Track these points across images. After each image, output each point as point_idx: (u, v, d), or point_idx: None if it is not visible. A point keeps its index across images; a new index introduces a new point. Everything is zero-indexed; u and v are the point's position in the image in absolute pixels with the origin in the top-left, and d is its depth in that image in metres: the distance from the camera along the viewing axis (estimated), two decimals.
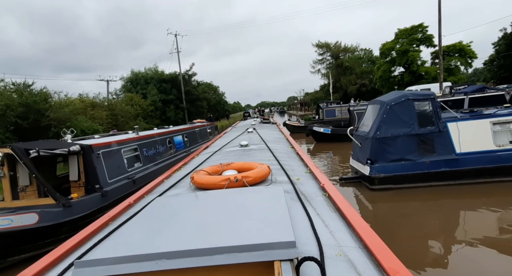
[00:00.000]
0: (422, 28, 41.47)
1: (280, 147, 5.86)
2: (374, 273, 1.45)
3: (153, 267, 1.29)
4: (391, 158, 7.49)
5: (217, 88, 60.49)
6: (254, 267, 1.33)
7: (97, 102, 24.11)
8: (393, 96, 7.80)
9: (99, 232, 2.27)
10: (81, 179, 6.90)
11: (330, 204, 2.44)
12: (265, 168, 2.95)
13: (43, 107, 14.26)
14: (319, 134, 17.62)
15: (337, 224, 2.03)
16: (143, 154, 9.57)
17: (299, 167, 4.06)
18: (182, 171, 4.46)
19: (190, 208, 2.01)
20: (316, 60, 60.58)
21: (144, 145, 9.86)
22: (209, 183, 2.71)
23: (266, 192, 2.20)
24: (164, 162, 11.02)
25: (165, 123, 34.31)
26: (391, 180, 7.47)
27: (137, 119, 28.50)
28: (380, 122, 7.56)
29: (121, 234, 1.66)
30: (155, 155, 10.52)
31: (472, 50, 40.44)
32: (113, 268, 1.31)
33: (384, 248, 1.61)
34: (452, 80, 36.85)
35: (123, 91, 36.40)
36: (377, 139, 7.53)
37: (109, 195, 7.10)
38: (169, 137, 12.31)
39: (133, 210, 2.63)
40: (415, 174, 7.39)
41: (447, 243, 5.36)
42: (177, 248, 1.33)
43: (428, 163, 7.34)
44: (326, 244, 1.66)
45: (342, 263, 1.53)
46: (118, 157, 8.18)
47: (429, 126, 7.43)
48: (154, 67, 39.66)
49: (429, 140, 7.37)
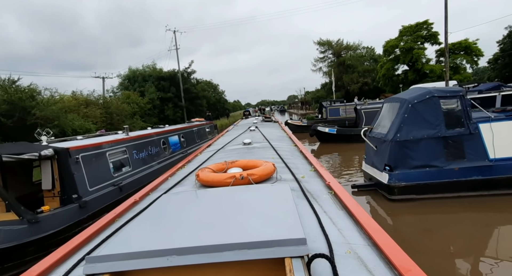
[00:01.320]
0: (427, 25, 40.47)
1: (283, 145, 5.77)
2: (385, 270, 1.42)
3: (164, 263, 1.28)
4: (414, 164, 6.52)
5: (216, 86, 59.49)
6: (264, 264, 1.32)
7: (91, 100, 23.15)
8: (415, 93, 6.82)
9: (106, 228, 2.28)
10: (55, 187, 5.95)
11: (336, 202, 2.43)
12: (270, 166, 2.93)
13: (29, 105, 13.30)
14: (323, 134, 16.64)
15: (344, 221, 2.02)
16: (132, 157, 8.62)
17: (303, 165, 4.01)
18: (186, 169, 4.43)
19: (197, 205, 2.03)
20: (317, 58, 59.65)
21: (135, 147, 8.90)
22: (214, 180, 2.71)
23: (273, 190, 2.19)
24: (158, 164, 10.07)
25: (163, 122, 33.39)
26: (414, 189, 6.51)
27: (134, 118, 27.60)
28: (400, 123, 6.60)
29: (129, 230, 1.66)
30: (148, 157, 9.56)
31: (478, 48, 39.47)
32: (123, 264, 1.30)
33: (395, 246, 1.58)
34: (458, 79, 35.86)
35: (120, 89, 35.51)
36: (397, 142, 6.56)
37: (89, 205, 6.16)
38: (163, 137, 11.36)
39: (139, 207, 2.64)
40: (441, 182, 6.42)
41: (477, 263, 4.72)
42: (187, 245, 1.32)
43: (456, 170, 6.38)
44: (335, 242, 1.64)
45: (352, 261, 1.50)
46: (102, 161, 7.23)
47: (457, 128, 6.46)
48: (152, 65, 38.76)
49: (458, 144, 6.41)
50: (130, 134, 9.36)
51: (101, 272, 1.30)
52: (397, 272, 1.39)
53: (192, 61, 39.83)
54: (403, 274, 1.35)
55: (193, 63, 39.57)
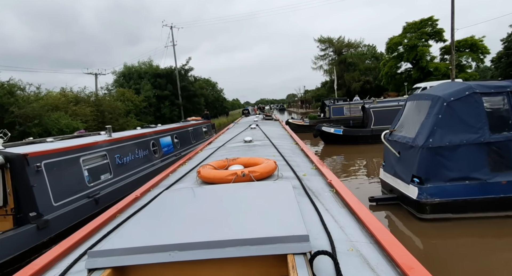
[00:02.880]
0: (432, 21, 39.25)
1: (284, 143, 5.74)
2: (388, 268, 1.41)
3: (166, 258, 1.27)
4: (450, 176, 5.36)
5: (215, 84, 58.13)
6: (266, 260, 1.31)
7: (82, 97, 21.89)
8: (450, 89, 5.64)
9: (107, 224, 2.26)
10: (8, 204, 4.79)
11: (338, 200, 2.40)
12: (272, 163, 2.93)
13: (7, 102, 12.09)
14: (328, 135, 15.43)
15: (346, 219, 1.99)
16: (114, 162, 7.45)
17: (304, 163, 3.99)
18: (187, 166, 4.39)
19: (199, 201, 2.01)
20: (318, 56, 58.49)
21: (117, 150, 7.73)
22: (216, 177, 2.70)
23: (275, 187, 2.17)
24: (146, 169, 8.92)
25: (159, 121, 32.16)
26: (450, 207, 5.34)
27: (129, 116, 26.41)
28: (433, 125, 5.43)
29: (131, 225, 1.64)
30: (134, 161, 8.39)
31: (484, 45, 38.32)
32: (126, 259, 1.29)
33: (397, 244, 1.55)
34: (463, 77, 34.78)
35: (115, 86, 34.27)
36: (429, 148, 5.40)
37: (52, 225, 4.99)
38: (153, 138, 10.17)
39: (140, 203, 2.64)
40: (484, 199, 5.27)
41: None
42: (189, 240, 1.32)
43: (504, 183, 5.23)
44: (337, 239, 1.62)
45: (355, 258, 1.48)
46: (74, 168, 6.05)
47: (505, 132, 5.30)
48: (149, 61, 37.49)
49: (505, 151, 5.26)
50: (113, 135, 8.17)
51: (103, 266, 1.28)
52: (399, 270, 1.36)
53: (190, 58, 38.49)
54: (406, 271, 1.32)
55: (190, 60, 38.30)
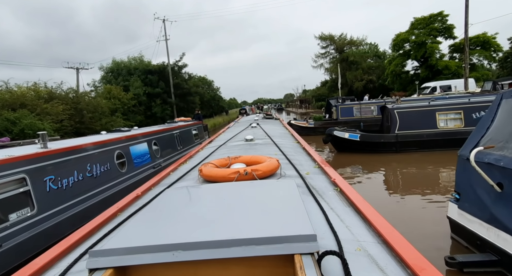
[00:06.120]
0: (442, 17, 36.81)
1: (286, 142, 5.72)
2: (397, 269, 1.36)
3: (169, 258, 1.25)
4: None
5: (211, 82, 55.49)
6: (272, 260, 1.28)
7: (58, 93, 19.24)
8: None
9: (108, 222, 2.21)
10: None
11: (343, 199, 2.34)
12: (274, 162, 2.88)
13: None
14: (342, 141, 12.81)
15: (352, 218, 1.96)
16: (42, 189, 4.91)
17: (307, 161, 3.90)
18: (188, 164, 4.30)
19: (202, 200, 1.98)
20: (318, 54, 55.99)
21: (51, 170, 5.18)
22: (218, 175, 2.66)
23: (278, 185, 2.14)
24: (104, 192, 6.42)
25: (150, 120, 29.62)
26: None
27: (115, 115, 23.74)
28: None
29: (133, 224, 1.60)
30: (81, 184, 5.84)
31: (497, 42, 35.98)
32: (127, 258, 1.26)
33: (406, 244, 1.50)
34: (475, 77, 32.42)
35: (103, 83, 31.60)
36: None
37: None
38: (120, 147, 7.59)
39: (142, 202, 2.59)
40: None
41: None
42: (193, 239, 1.28)
43: None
44: (344, 239, 1.58)
45: (363, 258, 1.44)
46: None
47: None
48: (139, 57, 34.85)
49: None
50: (50, 146, 5.62)
51: (104, 266, 1.25)
52: (410, 271, 1.32)
53: (184, 53, 35.92)
54: (416, 272, 1.28)
55: (184, 56, 35.74)
